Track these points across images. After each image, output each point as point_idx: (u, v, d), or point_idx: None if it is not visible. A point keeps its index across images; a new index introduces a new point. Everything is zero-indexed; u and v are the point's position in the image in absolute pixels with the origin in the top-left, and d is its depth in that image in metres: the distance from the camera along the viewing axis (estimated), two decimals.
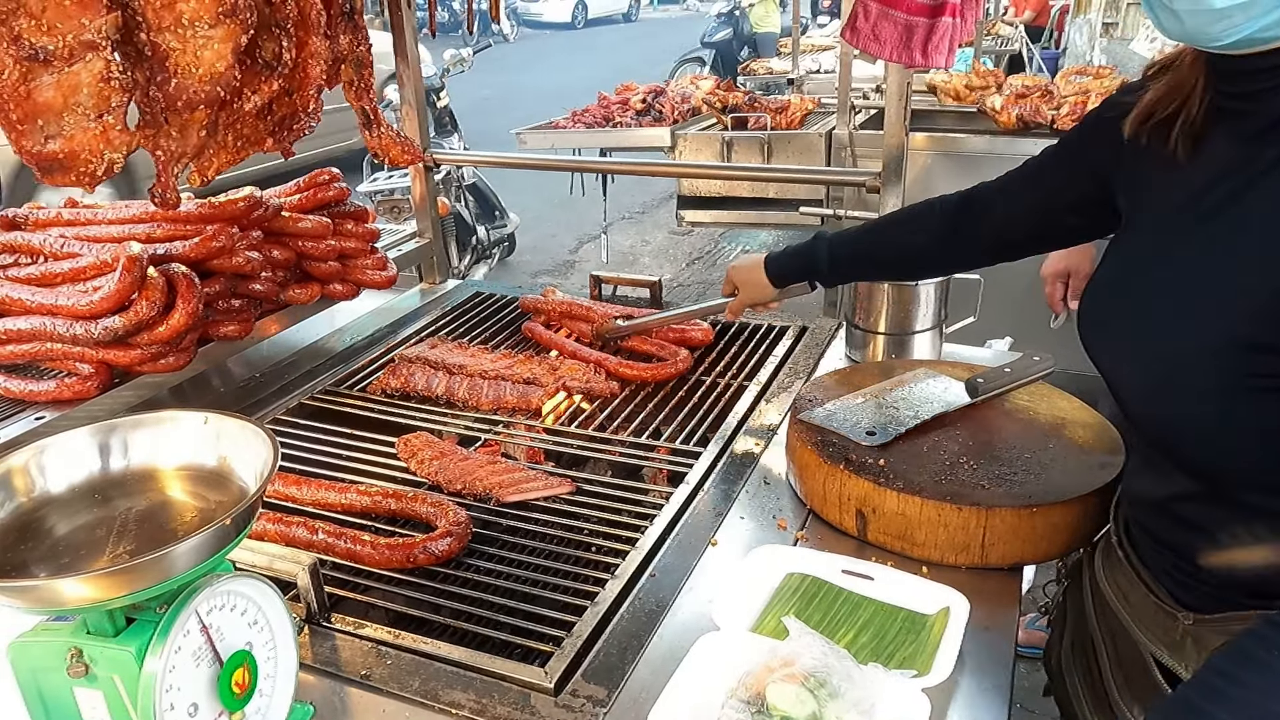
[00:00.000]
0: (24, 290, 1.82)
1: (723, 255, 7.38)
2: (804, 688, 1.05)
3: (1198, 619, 1.13)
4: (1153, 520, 1.20)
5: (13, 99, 1.01)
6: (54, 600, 0.92)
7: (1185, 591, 1.15)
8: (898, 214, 1.75)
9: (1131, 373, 1.12)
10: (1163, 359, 1.06)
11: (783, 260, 1.82)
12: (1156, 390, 1.08)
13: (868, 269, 1.83)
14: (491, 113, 11.22)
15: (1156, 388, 1.08)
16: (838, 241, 1.72)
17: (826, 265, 1.73)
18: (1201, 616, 1.12)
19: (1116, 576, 1.29)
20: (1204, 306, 1.02)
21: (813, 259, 1.75)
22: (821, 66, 7.23)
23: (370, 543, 1.48)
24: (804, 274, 1.80)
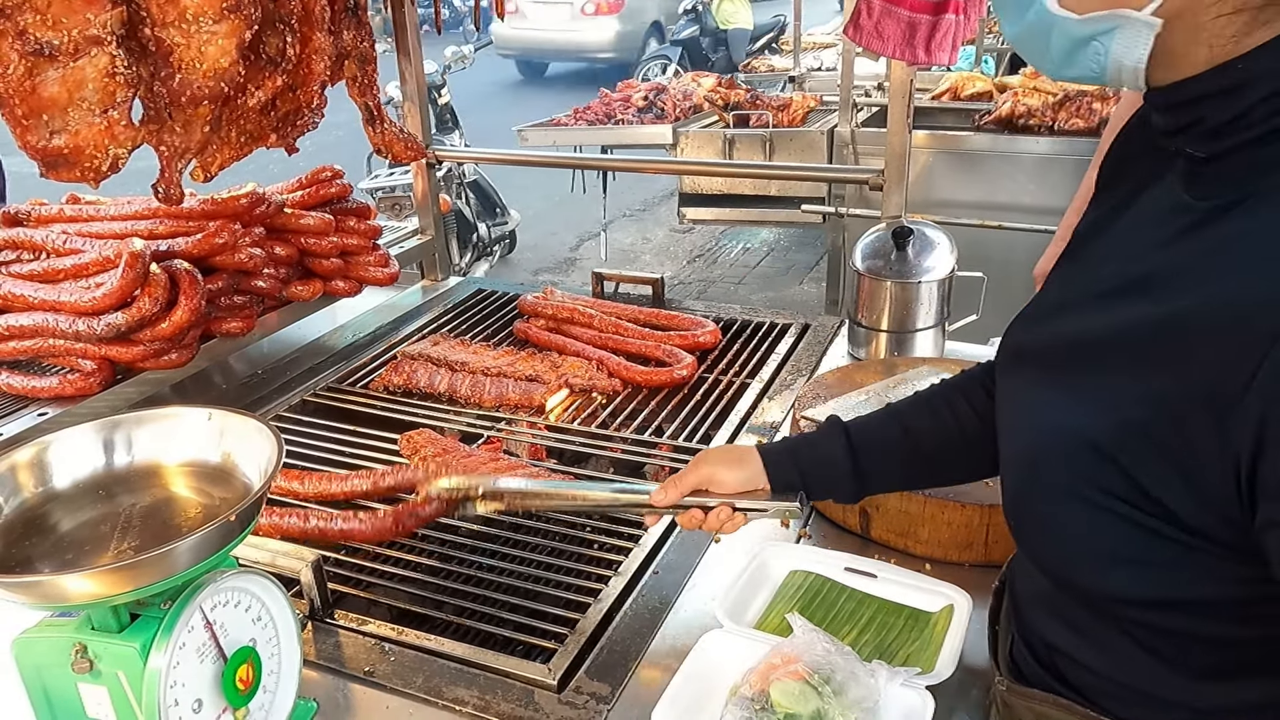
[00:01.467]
0: (26, 286, 1.82)
1: (723, 252, 7.38)
2: (808, 685, 1.05)
3: (1011, 687, 1.00)
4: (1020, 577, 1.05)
5: (18, 94, 1.01)
6: (59, 596, 0.92)
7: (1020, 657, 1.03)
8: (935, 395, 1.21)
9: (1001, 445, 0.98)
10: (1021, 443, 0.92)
11: (787, 455, 1.22)
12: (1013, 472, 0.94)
13: (908, 479, 1.27)
14: (492, 110, 11.22)
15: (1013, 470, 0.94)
16: (859, 438, 1.20)
17: (850, 476, 1.19)
18: (1015, 686, 1.00)
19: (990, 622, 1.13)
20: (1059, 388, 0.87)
21: (828, 458, 1.20)
22: (823, 64, 7.22)
23: (360, 517, 1.48)
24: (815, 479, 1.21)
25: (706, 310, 2.41)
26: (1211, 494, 0.73)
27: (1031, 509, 0.91)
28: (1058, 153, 3.79)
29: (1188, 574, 0.79)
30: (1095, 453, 0.79)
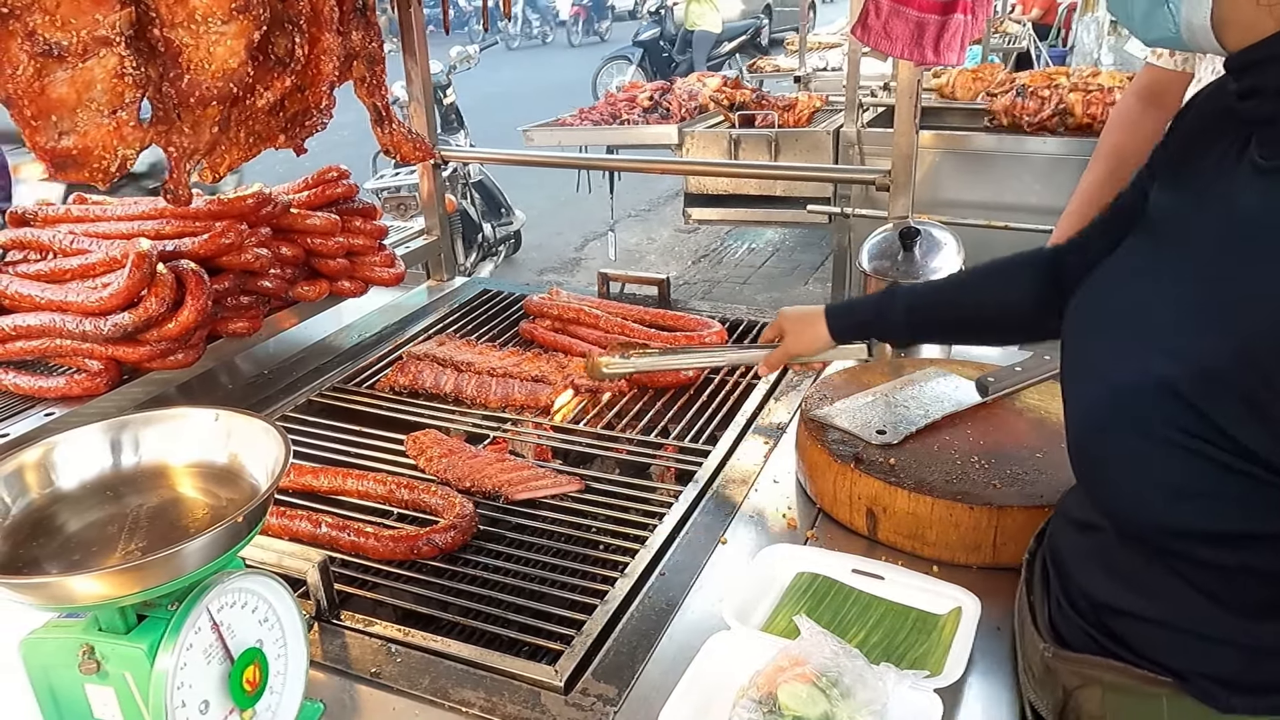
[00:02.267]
0: (33, 286, 1.82)
1: (729, 253, 7.37)
2: (815, 687, 1.05)
3: (1057, 653, 1.04)
4: (1063, 538, 1.11)
5: (27, 95, 1.01)
6: (67, 597, 0.92)
7: (1063, 622, 1.07)
8: (980, 269, 1.45)
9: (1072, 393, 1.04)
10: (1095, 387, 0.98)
11: (848, 312, 1.58)
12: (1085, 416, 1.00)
13: (951, 330, 1.56)
14: (497, 110, 11.22)
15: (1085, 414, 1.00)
16: (918, 296, 1.49)
17: (904, 320, 1.48)
18: (1061, 651, 1.04)
19: (1023, 592, 1.20)
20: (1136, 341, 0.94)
21: (886, 314, 1.50)
22: (829, 64, 7.21)
23: (374, 534, 1.48)
24: (875, 330, 1.54)
25: (712, 311, 2.40)
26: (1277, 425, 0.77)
27: (1103, 449, 0.95)
28: (1065, 153, 3.78)
29: (1258, 508, 0.83)
30: (1175, 398, 0.84)
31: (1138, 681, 0.97)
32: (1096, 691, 1.02)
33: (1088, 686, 1.02)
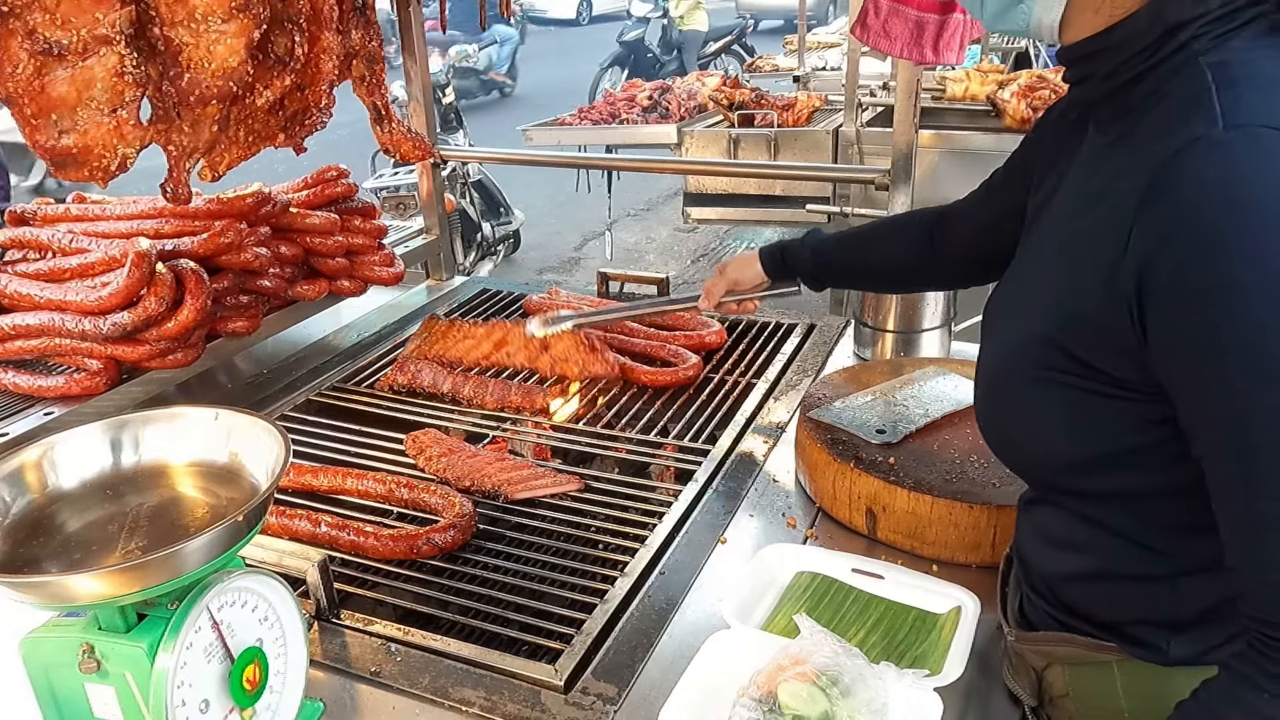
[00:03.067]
0: (33, 286, 1.82)
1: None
2: (816, 686, 1.05)
3: (1020, 635, 1.13)
4: (1019, 525, 1.20)
5: (27, 93, 1.00)
6: (67, 596, 0.92)
7: (1030, 608, 1.14)
8: (884, 224, 1.67)
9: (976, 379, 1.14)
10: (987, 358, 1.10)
11: (777, 254, 1.73)
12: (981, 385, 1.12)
13: (847, 278, 1.77)
14: (496, 110, 11.22)
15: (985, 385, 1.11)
16: (822, 245, 1.65)
17: (810, 267, 1.66)
18: (1022, 633, 1.13)
19: (998, 586, 1.28)
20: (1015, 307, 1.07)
21: (800, 258, 1.67)
22: (828, 63, 7.21)
23: (374, 534, 1.48)
24: (795, 271, 1.71)
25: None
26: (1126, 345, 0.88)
27: (995, 407, 1.09)
28: None
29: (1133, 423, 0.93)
30: (1047, 344, 0.96)
31: (1088, 650, 1.05)
32: (1059, 669, 1.09)
33: (1052, 666, 1.10)
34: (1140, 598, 1.02)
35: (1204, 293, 0.80)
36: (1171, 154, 0.83)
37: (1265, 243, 0.77)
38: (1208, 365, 0.82)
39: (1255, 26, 0.88)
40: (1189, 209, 0.81)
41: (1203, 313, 0.81)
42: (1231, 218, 0.78)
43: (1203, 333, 0.81)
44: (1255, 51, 0.87)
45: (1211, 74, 0.86)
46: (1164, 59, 0.91)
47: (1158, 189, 0.83)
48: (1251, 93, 0.83)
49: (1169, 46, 0.90)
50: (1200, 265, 0.80)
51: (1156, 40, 0.90)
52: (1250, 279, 0.78)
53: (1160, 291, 0.83)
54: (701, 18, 13.35)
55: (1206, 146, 0.81)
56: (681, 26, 13.20)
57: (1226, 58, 0.87)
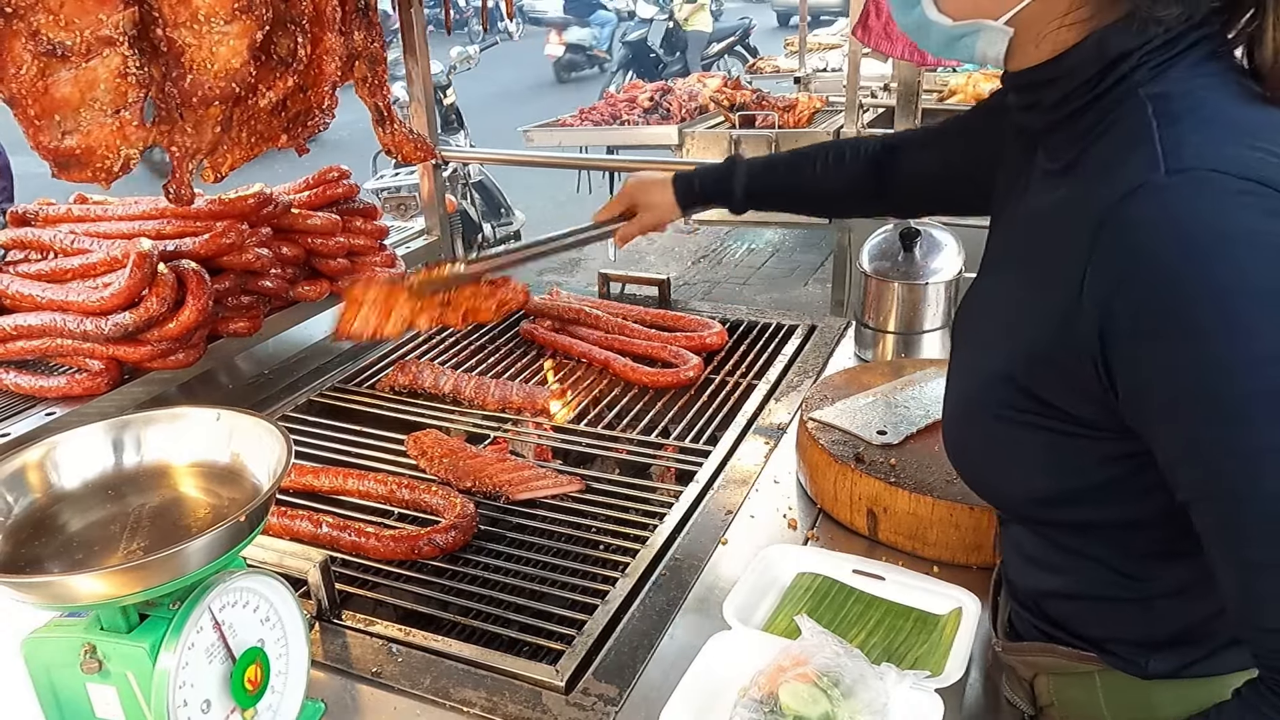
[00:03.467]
0: (34, 286, 1.83)
1: (728, 253, 7.37)
2: (817, 687, 1.05)
3: (1006, 646, 1.14)
4: (1001, 538, 1.20)
5: (30, 95, 1.01)
6: (69, 596, 0.92)
7: (1016, 618, 1.15)
8: (819, 149, 1.59)
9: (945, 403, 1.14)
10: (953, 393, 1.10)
11: (694, 180, 1.66)
12: (947, 416, 1.12)
13: (781, 201, 1.70)
14: (497, 110, 11.22)
15: (949, 419, 1.11)
16: (755, 169, 1.61)
17: (742, 192, 1.60)
18: (1007, 644, 1.14)
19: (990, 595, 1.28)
20: (981, 336, 1.06)
21: (727, 183, 1.62)
22: (828, 65, 7.21)
23: (375, 534, 1.48)
24: (717, 197, 1.65)
25: (713, 311, 2.40)
26: (1089, 389, 0.88)
27: (962, 441, 1.08)
28: None
29: (1093, 462, 0.93)
30: (1007, 382, 0.96)
31: (1070, 661, 1.05)
32: (1045, 679, 1.10)
33: (1039, 676, 1.10)
34: (1116, 618, 1.02)
35: (1165, 339, 0.79)
36: (1117, 199, 0.82)
37: (1218, 284, 0.76)
38: (1178, 412, 0.81)
39: (1194, 53, 0.88)
40: (1139, 257, 0.80)
41: (1167, 360, 0.80)
42: (1182, 264, 0.78)
43: (1169, 380, 0.80)
44: (1195, 80, 0.87)
45: (1152, 107, 0.86)
46: (1107, 90, 0.91)
47: (1106, 236, 0.82)
48: (1194, 132, 0.83)
49: (1111, 77, 0.90)
50: (1158, 313, 0.79)
51: (1100, 72, 0.91)
52: (1208, 322, 0.77)
53: (1123, 343, 0.83)
54: (704, 19, 13.37)
55: (1151, 192, 0.80)
56: (685, 27, 13.23)
57: (1167, 89, 0.87)
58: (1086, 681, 1.05)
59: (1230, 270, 0.76)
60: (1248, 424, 0.76)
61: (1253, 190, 0.77)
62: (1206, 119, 0.84)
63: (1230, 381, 0.77)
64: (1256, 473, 0.77)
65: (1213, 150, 0.81)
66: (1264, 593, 0.79)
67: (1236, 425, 0.77)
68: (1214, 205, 0.78)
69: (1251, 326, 0.76)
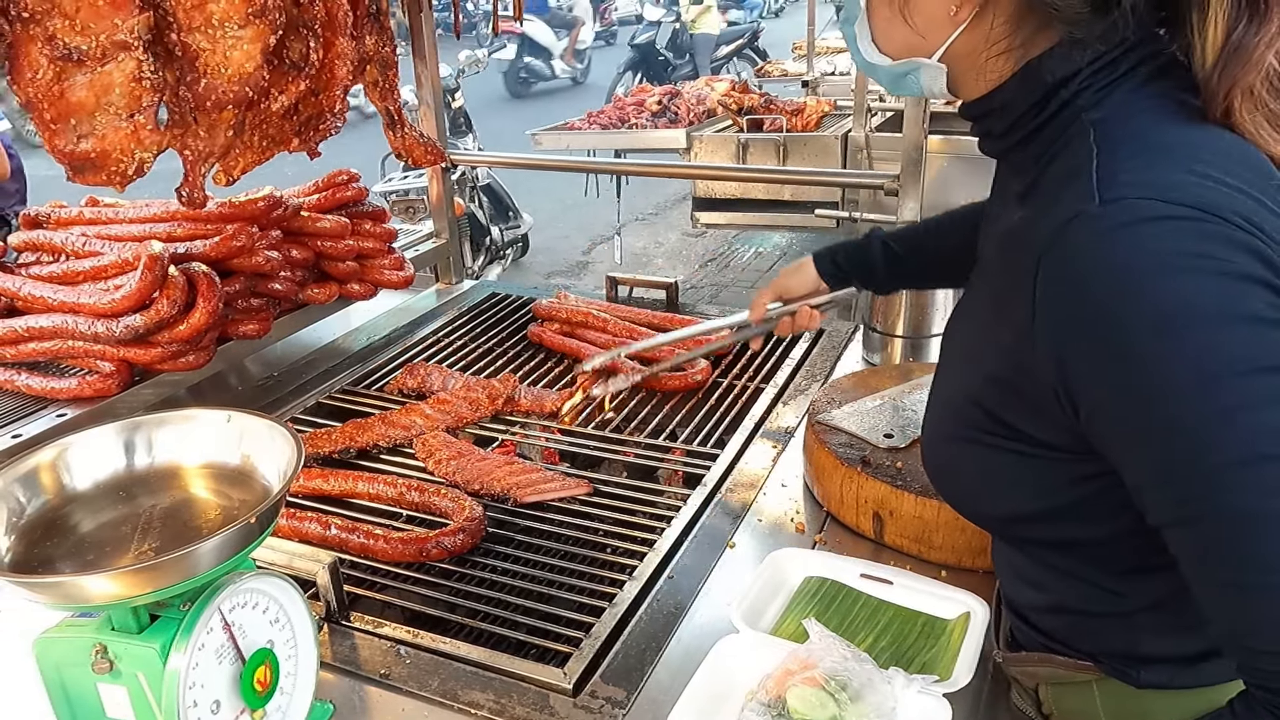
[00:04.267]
0: (46, 288, 1.84)
1: (736, 257, 7.38)
2: (824, 691, 1.05)
3: (1006, 656, 1.15)
4: (994, 553, 1.21)
5: (47, 98, 1.02)
6: (81, 596, 0.93)
7: (1015, 628, 1.15)
8: (950, 216, 1.52)
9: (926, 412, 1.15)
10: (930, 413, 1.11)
11: (834, 254, 1.60)
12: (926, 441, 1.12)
13: (926, 277, 1.64)
14: (504, 114, 11.24)
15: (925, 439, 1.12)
16: (894, 243, 1.53)
17: (882, 263, 1.53)
18: (1007, 654, 1.14)
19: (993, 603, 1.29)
20: (954, 357, 1.08)
21: (865, 260, 1.55)
22: (836, 68, 7.21)
23: (383, 537, 1.48)
24: (857, 275, 1.58)
25: (721, 315, 2.40)
26: (1050, 413, 0.88)
27: (935, 459, 1.09)
28: None
29: (1059, 483, 0.94)
30: (974, 405, 0.98)
31: (1066, 670, 1.06)
32: (1045, 688, 1.11)
33: (1040, 685, 1.11)
34: (1102, 632, 1.02)
35: (1114, 370, 0.80)
36: (1054, 230, 0.83)
37: (1157, 311, 0.76)
38: (1139, 442, 0.81)
39: (1138, 75, 0.89)
40: (1077, 288, 0.81)
41: (1119, 391, 0.80)
42: (1120, 294, 0.78)
43: (1125, 411, 0.81)
44: (1139, 103, 0.88)
45: (1094, 133, 0.87)
46: (1051, 117, 0.92)
47: (1046, 268, 0.83)
48: (1130, 158, 0.83)
49: (1053, 104, 0.92)
50: (1103, 344, 0.80)
51: (1041, 99, 0.92)
52: (1152, 349, 0.77)
53: (1078, 375, 0.83)
54: (712, 21, 13.41)
55: (1085, 222, 0.81)
56: (692, 30, 13.26)
57: (1108, 114, 0.88)
58: (1085, 690, 1.05)
59: (1167, 296, 0.76)
60: (1208, 446, 0.76)
61: (1187, 215, 0.77)
62: (1145, 144, 0.85)
63: (1183, 407, 0.77)
64: (1225, 494, 0.76)
65: (1147, 177, 0.81)
66: (1252, 615, 0.79)
67: (1198, 449, 0.77)
68: (1146, 232, 0.78)
69: (1194, 349, 0.76)
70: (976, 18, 0.94)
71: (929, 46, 0.99)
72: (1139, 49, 0.89)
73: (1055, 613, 1.07)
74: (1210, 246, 0.76)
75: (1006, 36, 0.93)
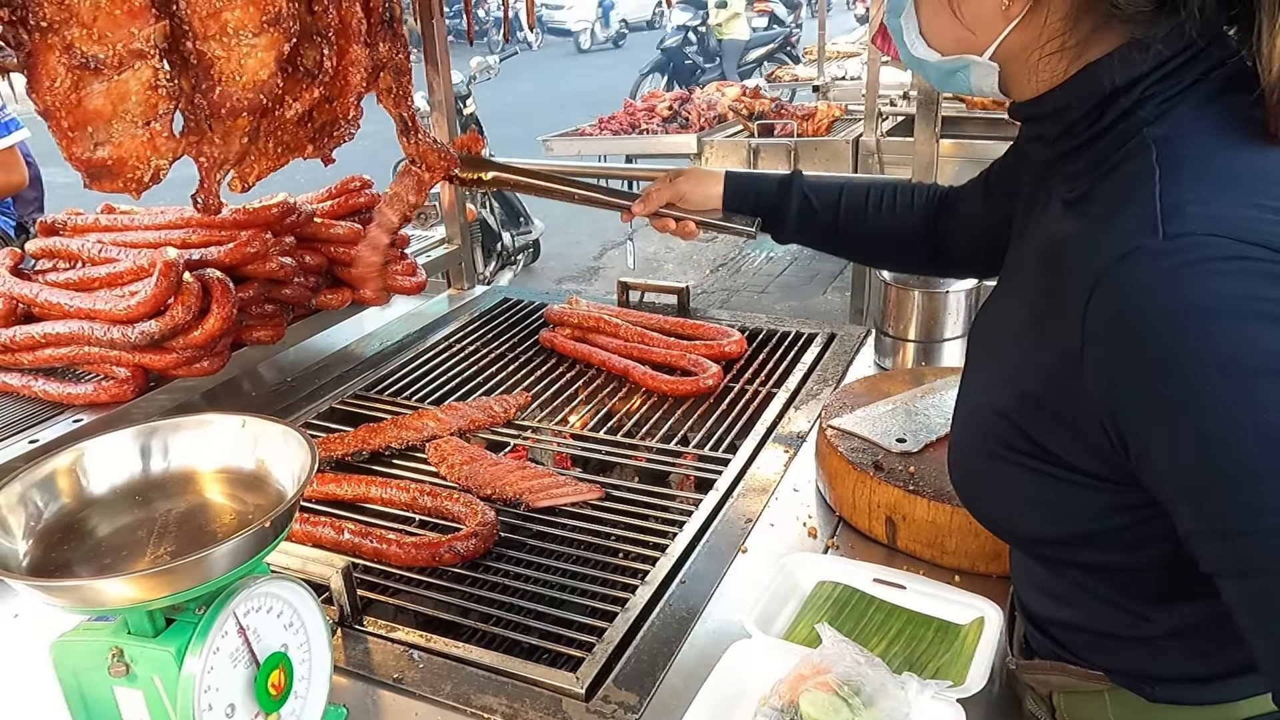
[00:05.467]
0: (62, 295, 1.85)
1: (746, 262, 7.38)
2: (838, 696, 1.05)
3: (1019, 663, 1.13)
4: (1012, 562, 1.20)
5: (64, 107, 1.03)
6: (97, 600, 0.93)
7: (1030, 635, 1.14)
8: (876, 188, 1.48)
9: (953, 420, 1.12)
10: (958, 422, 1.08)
11: (747, 187, 1.55)
12: (951, 442, 1.10)
13: (831, 243, 1.57)
14: (516, 120, 11.28)
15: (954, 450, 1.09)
16: (810, 197, 1.48)
17: (794, 218, 1.49)
18: (1021, 661, 1.13)
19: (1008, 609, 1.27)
20: (986, 365, 1.05)
21: (779, 203, 1.50)
22: (847, 73, 7.22)
23: (396, 541, 1.49)
24: (764, 213, 1.53)
25: (732, 320, 2.41)
26: (1089, 442, 0.85)
27: (963, 471, 1.06)
28: None
29: (1091, 510, 0.91)
30: (1004, 419, 0.94)
31: (1080, 680, 1.04)
32: (1057, 695, 1.10)
33: (1055, 692, 1.10)
34: (1123, 651, 1.01)
35: (1170, 414, 0.76)
36: (1113, 260, 0.78)
37: (1219, 356, 0.73)
38: (1194, 490, 0.78)
39: (1205, 86, 0.84)
40: (1136, 326, 0.77)
41: (1175, 435, 0.77)
42: (1181, 336, 0.74)
43: (1180, 457, 0.77)
44: (1203, 121, 0.83)
45: (1156, 151, 0.82)
46: (1108, 127, 0.88)
47: (1100, 297, 0.79)
48: (1194, 187, 0.78)
49: (1111, 114, 0.87)
50: (1160, 386, 0.76)
51: (1098, 106, 0.88)
52: (1212, 396, 0.73)
53: (1131, 414, 0.79)
54: (741, 26, 13.44)
55: (1146, 257, 0.76)
56: (720, 35, 13.31)
57: (1172, 131, 0.83)
58: (1097, 699, 1.04)
59: (1230, 341, 0.73)
60: (1268, 502, 0.73)
61: (1252, 254, 0.73)
62: (1211, 169, 0.80)
63: (1244, 459, 0.73)
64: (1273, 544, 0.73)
65: (1214, 210, 0.76)
66: None
67: (1256, 504, 0.74)
68: (1214, 273, 0.74)
69: (1258, 398, 0.72)
70: (1030, 13, 0.90)
71: (980, 43, 0.95)
72: (1206, 55, 0.84)
73: (1073, 629, 1.06)
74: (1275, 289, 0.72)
75: (1062, 35, 0.89)
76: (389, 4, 1.35)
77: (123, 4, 0.99)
